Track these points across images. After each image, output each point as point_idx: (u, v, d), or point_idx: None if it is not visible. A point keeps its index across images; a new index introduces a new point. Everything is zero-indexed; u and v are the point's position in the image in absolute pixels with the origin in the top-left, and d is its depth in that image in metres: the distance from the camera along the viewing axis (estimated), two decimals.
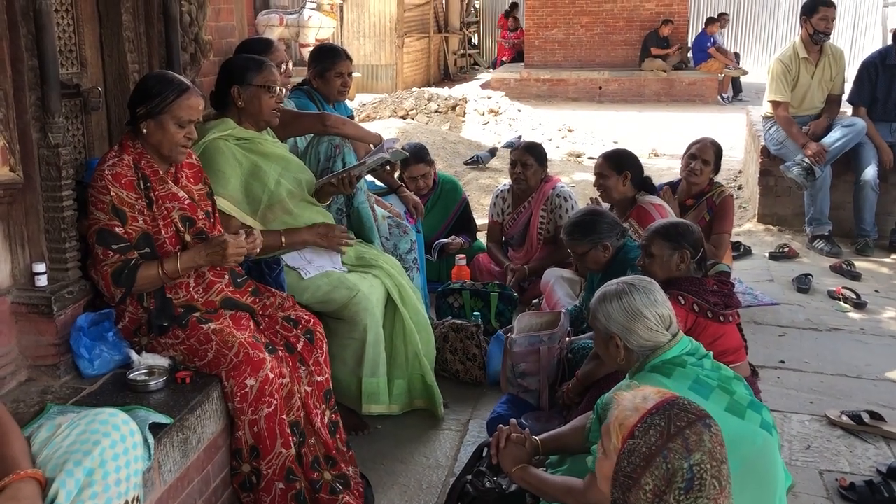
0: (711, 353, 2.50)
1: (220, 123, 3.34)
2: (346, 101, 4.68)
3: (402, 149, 3.92)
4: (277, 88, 3.38)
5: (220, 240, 2.85)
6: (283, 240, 3.40)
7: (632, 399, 1.78)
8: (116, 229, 2.77)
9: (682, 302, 3.08)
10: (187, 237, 2.89)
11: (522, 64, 18.29)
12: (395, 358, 3.58)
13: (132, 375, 2.72)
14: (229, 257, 2.83)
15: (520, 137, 10.18)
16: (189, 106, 2.84)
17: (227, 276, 2.99)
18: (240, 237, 2.86)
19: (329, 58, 4.34)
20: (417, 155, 5.19)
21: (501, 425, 2.69)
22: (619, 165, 4.35)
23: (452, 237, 5.27)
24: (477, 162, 9.41)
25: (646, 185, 4.43)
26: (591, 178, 9.02)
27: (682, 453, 1.64)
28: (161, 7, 3.50)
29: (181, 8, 3.61)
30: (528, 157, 4.95)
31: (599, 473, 1.81)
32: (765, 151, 6.80)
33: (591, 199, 4.66)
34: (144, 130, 2.83)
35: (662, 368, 2.40)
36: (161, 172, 2.89)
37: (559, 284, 4.49)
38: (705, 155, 4.68)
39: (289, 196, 3.42)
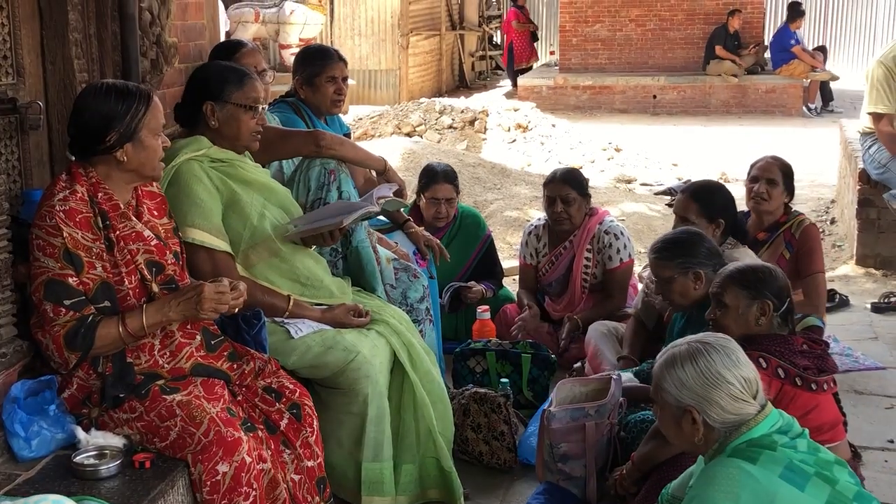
0: (807, 431, 2.51)
1: (192, 142, 3.41)
2: (341, 116, 4.76)
3: (399, 195, 3.95)
4: (260, 107, 3.46)
5: (194, 286, 2.89)
6: (290, 307, 3.48)
7: None
8: (70, 280, 2.81)
9: (765, 365, 3.09)
10: (154, 287, 2.94)
11: (557, 67, 18.48)
12: (402, 437, 3.58)
13: (79, 458, 2.74)
14: (205, 309, 2.86)
15: (683, 183, 9.95)
16: (159, 109, 2.99)
17: (199, 337, 3.03)
18: (221, 285, 2.90)
19: (318, 60, 4.44)
20: (447, 174, 5.31)
21: None
22: (712, 210, 4.34)
23: (471, 283, 5.30)
24: (671, 193, 9.53)
25: (737, 230, 4.44)
26: (645, 209, 9.20)
27: None
28: (116, 3, 3.58)
29: (140, 4, 3.70)
30: (569, 189, 4.99)
31: None
32: (864, 176, 6.82)
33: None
34: (124, 158, 2.91)
35: (746, 452, 2.41)
36: (122, 206, 2.95)
37: (605, 342, 4.50)
38: (769, 174, 4.72)
39: (274, 233, 3.48)
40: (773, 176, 4.72)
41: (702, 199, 4.38)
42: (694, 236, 3.88)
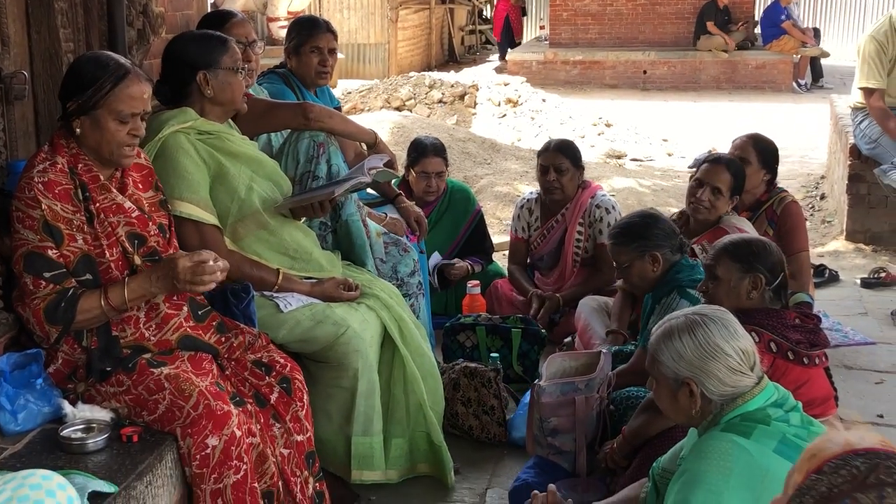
0: (801, 405, 2.50)
1: (178, 113, 3.37)
2: (331, 89, 4.73)
3: (390, 166, 3.91)
4: (244, 66, 3.47)
5: (168, 258, 2.85)
6: (279, 281, 3.46)
7: (844, 434, 1.63)
8: (49, 252, 2.78)
9: (757, 339, 3.08)
10: (136, 259, 2.91)
11: (547, 42, 18.42)
12: (393, 412, 3.59)
13: (66, 432, 2.71)
14: (182, 281, 2.81)
15: (710, 152, 9.94)
16: (130, 95, 2.86)
17: (185, 308, 3.01)
18: (199, 256, 2.83)
19: (305, 30, 4.42)
20: (436, 148, 5.28)
21: (536, 492, 2.68)
22: (738, 185, 4.38)
23: (456, 260, 5.29)
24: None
25: (739, 201, 4.47)
26: (635, 184, 9.18)
27: None
28: None
29: None
30: (563, 159, 4.98)
31: None
32: (854, 151, 6.82)
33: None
34: (78, 130, 2.86)
35: (740, 426, 2.39)
36: (103, 178, 2.91)
37: (595, 317, 4.50)
38: (742, 152, 4.70)
39: (263, 206, 3.45)
40: (745, 154, 4.69)
41: (734, 173, 4.38)
42: (648, 219, 3.88)
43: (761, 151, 4.73)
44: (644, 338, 3.87)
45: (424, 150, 5.25)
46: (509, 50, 18.61)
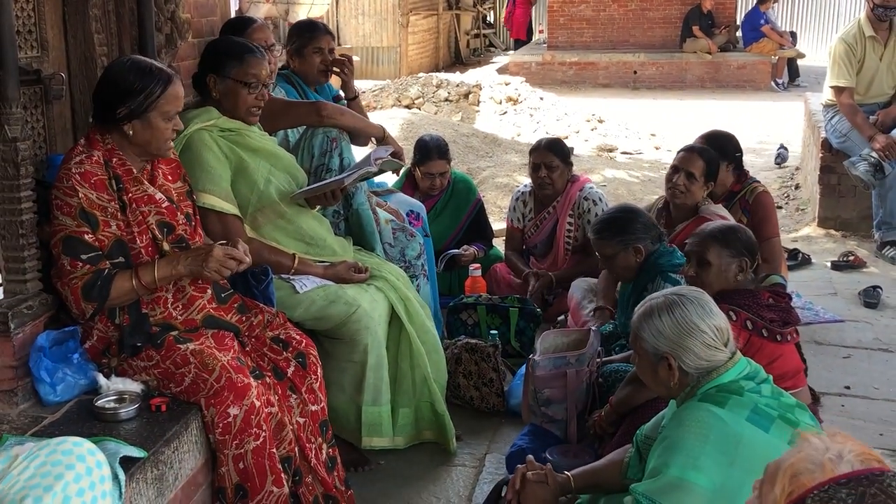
0: (771, 377, 2.49)
1: (202, 112, 3.37)
2: (333, 84, 4.70)
3: (396, 156, 3.89)
4: (261, 84, 3.39)
5: (207, 246, 2.86)
6: (295, 265, 3.46)
7: (823, 451, 1.45)
8: (86, 236, 2.79)
9: (734, 318, 3.08)
10: (165, 246, 2.91)
11: (545, 45, 18.35)
12: (400, 383, 3.59)
13: (100, 402, 2.73)
14: (210, 268, 2.84)
15: (783, 148, 9.90)
16: (176, 96, 2.90)
17: (210, 291, 3.01)
18: (232, 249, 2.87)
19: (306, 32, 4.41)
20: (440, 150, 5.24)
21: (519, 465, 2.70)
22: (710, 173, 4.32)
23: (464, 247, 5.28)
24: (783, 160, 9.64)
25: (712, 193, 4.44)
26: (625, 176, 9.15)
27: None
28: None
29: None
30: (552, 157, 4.95)
31: None
32: (826, 145, 6.79)
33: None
34: (130, 132, 2.86)
35: (715, 397, 2.39)
36: (135, 171, 2.92)
37: (585, 297, 4.49)
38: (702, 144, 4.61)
39: (280, 197, 3.45)
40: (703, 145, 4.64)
41: (707, 160, 4.31)
42: (629, 213, 3.85)
43: (717, 147, 4.66)
44: (624, 321, 3.86)
45: (429, 154, 5.19)
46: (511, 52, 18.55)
